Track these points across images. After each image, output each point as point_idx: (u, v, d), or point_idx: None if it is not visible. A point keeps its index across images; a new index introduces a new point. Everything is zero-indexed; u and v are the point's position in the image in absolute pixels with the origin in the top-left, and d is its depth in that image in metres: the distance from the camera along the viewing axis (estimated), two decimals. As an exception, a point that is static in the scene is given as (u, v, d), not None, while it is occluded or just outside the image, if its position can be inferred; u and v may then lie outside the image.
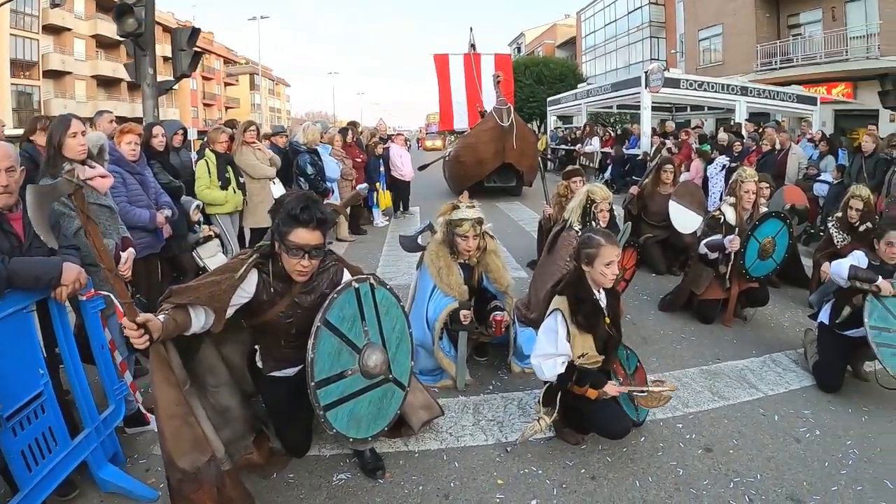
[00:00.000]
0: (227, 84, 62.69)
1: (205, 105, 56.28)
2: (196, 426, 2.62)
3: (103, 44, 40.43)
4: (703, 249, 5.60)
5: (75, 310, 3.23)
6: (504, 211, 13.30)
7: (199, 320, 2.70)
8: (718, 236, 5.45)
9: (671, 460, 3.42)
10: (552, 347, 3.38)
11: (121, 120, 6.34)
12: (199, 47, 9.50)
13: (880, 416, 3.99)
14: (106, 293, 3.31)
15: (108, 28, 34.73)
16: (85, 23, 39.44)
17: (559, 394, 3.45)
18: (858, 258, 4.36)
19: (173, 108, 45.53)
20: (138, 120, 9.87)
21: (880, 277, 4.15)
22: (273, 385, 3.19)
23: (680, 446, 3.58)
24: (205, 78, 55.88)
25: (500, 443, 3.58)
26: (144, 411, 3.62)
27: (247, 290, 2.86)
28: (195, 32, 9.22)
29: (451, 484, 3.19)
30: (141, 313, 2.42)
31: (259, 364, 3.26)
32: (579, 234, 4.62)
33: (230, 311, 2.81)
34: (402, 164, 12.25)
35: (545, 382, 3.52)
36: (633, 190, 8.12)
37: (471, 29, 18.02)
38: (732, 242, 5.29)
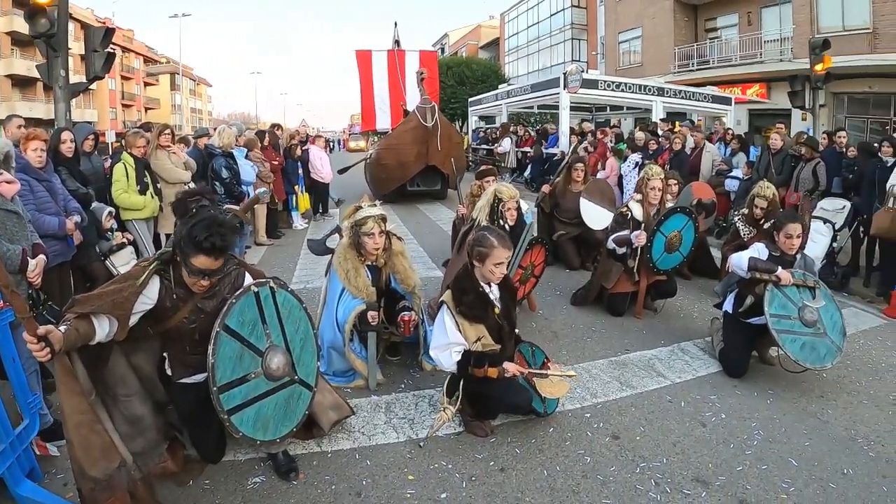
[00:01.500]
0: (146, 84, 60.40)
1: (124, 106, 54.06)
2: (104, 433, 2.61)
3: (19, 41, 38.29)
4: (611, 245, 5.77)
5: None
6: (422, 210, 13.31)
7: (104, 329, 2.67)
8: (626, 231, 5.63)
9: (579, 449, 3.54)
10: (444, 338, 3.53)
11: (37, 122, 6.13)
12: (117, 45, 9.25)
13: (784, 397, 4.22)
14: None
15: (25, 24, 32.95)
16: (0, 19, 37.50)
17: (461, 382, 3.57)
18: (758, 250, 4.59)
19: (91, 110, 43.74)
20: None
21: (780, 268, 4.38)
22: (183, 392, 3.16)
23: (588, 435, 3.70)
24: (124, 78, 53.85)
25: (411, 440, 3.65)
26: (36, 446, 3.47)
27: (149, 296, 2.85)
28: (109, 32, 8.92)
29: (364, 482, 3.23)
30: (41, 326, 2.39)
31: (168, 371, 3.24)
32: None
33: (134, 319, 2.79)
34: (322, 165, 12.10)
35: (449, 375, 3.64)
36: (545, 188, 8.28)
37: (395, 24, 17.67)
38: (639, 237, 5.48)
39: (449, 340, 3.52)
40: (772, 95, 21.07)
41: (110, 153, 10.36)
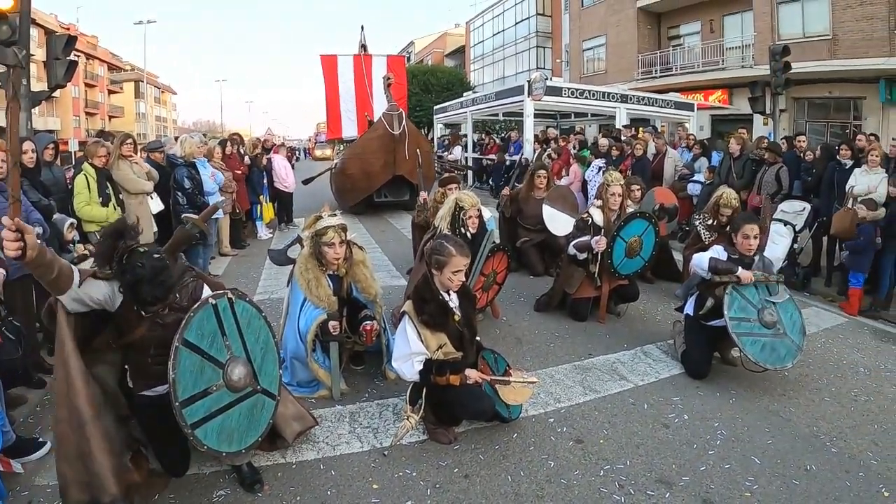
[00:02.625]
0: (111, 91, 59.41)
1: (87, 114, 53.05)
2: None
3: (-23, 47, 37.45)
4: (571, 250, 5.82)
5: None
6: (387, 219, 13.18)
7: (76, 276, 2.76)
8: (586, 237, 5.69)
9: (543, 454, 3.57)
10: (406, 349, 3.56)
11: (-1, 130, 5.99)
12: (81, 51, 9.13)
13: (747, 397, 4.31)
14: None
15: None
16: (-41, 26, 36.48)
17: (424, 390, 3.60)
18: (718, 252, 4.67)
19: (54, 118, 42.95)
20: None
21: (740, 268, 4.47)
22: (146, 406, 3.16)
23: (551, 440, 3.73)
24: (88, 85, 52.96)
25: (375, 448, 3.64)
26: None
27: (102, 291, 2.89)
28: (71, 40, 8.81)
29: (328, 492, 3.22)
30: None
31: (130, 384, 3.22)
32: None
33: (94, 295, 2.84)
34: (286, 175, 11.97)
35: (412, 383, 3.68)
36: (506, 191, 8.30)
37: (362, 27, 17.00)
38: (599, 243, 5.54)
39: (411, 351, 3.55)
40: (734, 101, 21.42)
41: (73, 162, 10.16)
